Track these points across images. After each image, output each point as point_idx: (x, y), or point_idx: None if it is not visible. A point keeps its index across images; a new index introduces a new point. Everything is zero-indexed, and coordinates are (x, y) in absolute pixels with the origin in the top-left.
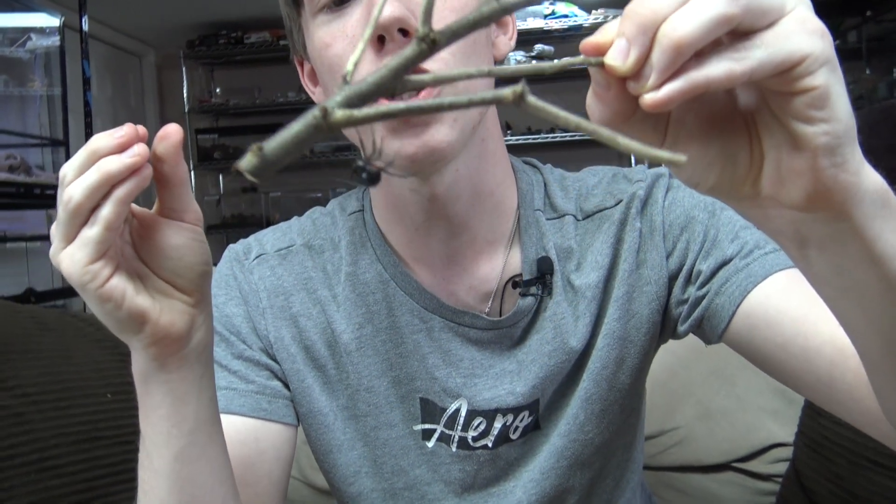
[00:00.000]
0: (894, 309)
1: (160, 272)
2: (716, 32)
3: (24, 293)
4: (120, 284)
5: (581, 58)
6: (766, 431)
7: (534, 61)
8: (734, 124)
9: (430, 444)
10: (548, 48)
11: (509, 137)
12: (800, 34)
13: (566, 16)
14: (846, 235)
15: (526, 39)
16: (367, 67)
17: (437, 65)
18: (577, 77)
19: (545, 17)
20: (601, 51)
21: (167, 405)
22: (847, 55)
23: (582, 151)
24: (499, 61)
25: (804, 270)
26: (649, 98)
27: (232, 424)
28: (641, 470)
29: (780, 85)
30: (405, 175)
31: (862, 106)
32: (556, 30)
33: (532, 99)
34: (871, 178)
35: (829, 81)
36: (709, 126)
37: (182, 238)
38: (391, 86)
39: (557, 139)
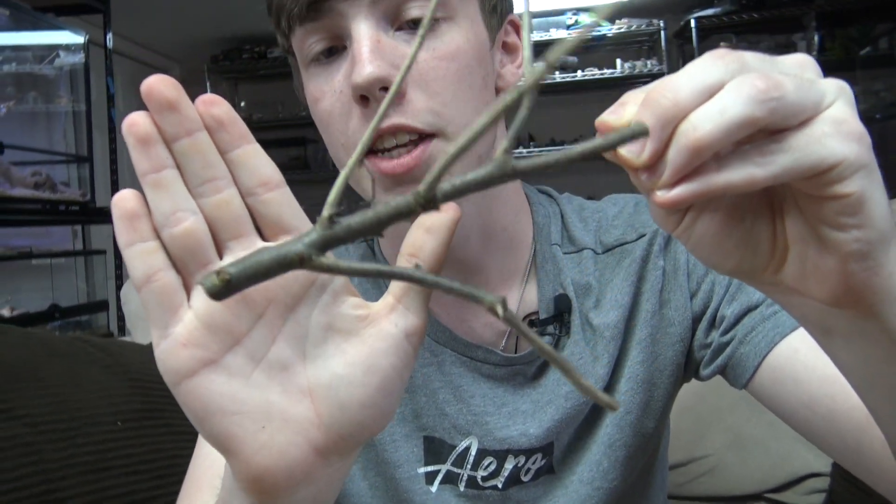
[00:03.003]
0: None
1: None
2: (739, 135)
3: (49, 309)
4: (210, 381)
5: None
6: (801, 460)
7: (557, 72)
8: (759, 210)
9: (434, 487)
10: (571, 59)
11: (532, 149)
12: (833, 138)
13: None
14: (874, 332)
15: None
16: (355, 124)
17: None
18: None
19: (568, 27)
20: None
21: None
22: (879, 61)
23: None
24: (503, 91)
25: (830, 357)
26: (660, 196)
27: None
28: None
29: (810, 188)
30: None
31: None
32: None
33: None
34: None
35: (864, 188)
36: (731, 209)
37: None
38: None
39: None
